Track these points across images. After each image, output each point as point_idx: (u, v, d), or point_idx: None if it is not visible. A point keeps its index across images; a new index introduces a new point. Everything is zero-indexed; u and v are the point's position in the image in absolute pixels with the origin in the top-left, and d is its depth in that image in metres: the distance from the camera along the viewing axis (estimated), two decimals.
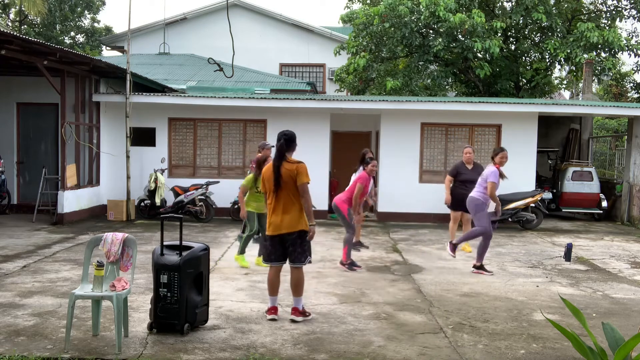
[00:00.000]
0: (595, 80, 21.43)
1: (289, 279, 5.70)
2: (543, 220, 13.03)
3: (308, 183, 5.52)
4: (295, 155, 5.69)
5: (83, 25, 33.24)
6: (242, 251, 8.19)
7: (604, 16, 19.44)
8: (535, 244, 10.87)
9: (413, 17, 17.54)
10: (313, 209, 5.66)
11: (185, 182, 13.42)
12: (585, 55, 17.03)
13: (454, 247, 8.31)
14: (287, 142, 5.56)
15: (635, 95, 22.01)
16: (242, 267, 8.02)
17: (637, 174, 13.96)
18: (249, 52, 21.29)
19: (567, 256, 9.17)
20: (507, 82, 18.62)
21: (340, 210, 8.27)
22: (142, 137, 13.76)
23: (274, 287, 5.69)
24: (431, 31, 18.43)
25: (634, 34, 19.51)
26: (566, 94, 29.61)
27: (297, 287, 5.62)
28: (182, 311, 5.05)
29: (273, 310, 5.65)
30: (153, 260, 5.17)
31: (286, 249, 5.59)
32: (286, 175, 5.46)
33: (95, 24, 33.49)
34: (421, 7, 17.21)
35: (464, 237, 8.35)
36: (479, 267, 8.09)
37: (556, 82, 22.29)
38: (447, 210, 10.14)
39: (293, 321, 5.53)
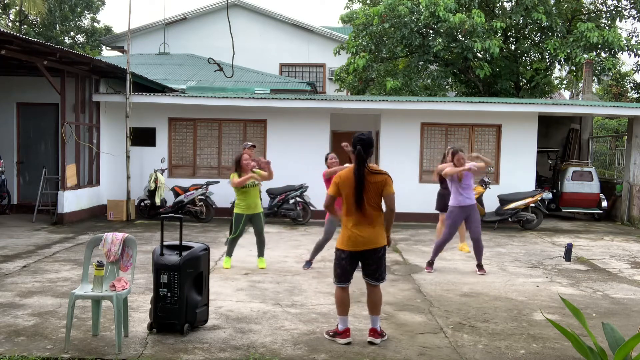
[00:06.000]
0: (595, 80, 21.42)
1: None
2: (543, 220, 13.03)
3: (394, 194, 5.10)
4: (296, 155, 5.62)
5: (83, 25, 33.26)
6: (229, 253, 8.14)
7: (604, 16, 19.43)
8: (535, 244, 10.87)
9: (413, 17, 17.54)
10: (313, 209, 5.62)
11: (185, 182, 13.42)
12: (585, 55, 17.03)
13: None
14: (365, 147, 5.01)
15: (635, 95, 22.01)
16: (225, 268, 7.99)
17: (637, 174, 13.96)
18: (249, 52, 21.29)
19: (567, 256, 9.17)
20: (507, 82, 18.62)
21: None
22: (142, 137, 13.76)
23: (347, 307, 5.19)
24: (431, 31, 18.42)
25: (634, 34, 19.50)
26: (566, 94, 29.59)
27: (377, 305, 5.16)
28: (182, 311, 5.05)
29: (348, 332, 5.15)
30: (153, 260, 5.17)
31: (364, 265, 5.11)
32: (373, 185, 4.98)
33: (95, 24, 33.51)
34: (421, 7, 17.22)
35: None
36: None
37: (556, 82, 22.30)
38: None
39: (371, 343, 5.04)
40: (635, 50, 17.73)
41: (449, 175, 8.01)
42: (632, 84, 23.34)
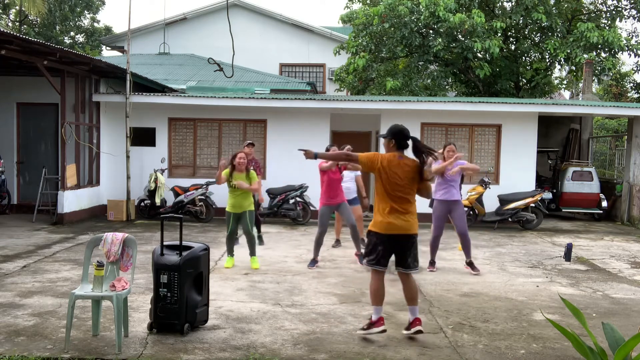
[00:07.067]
0: (595, 80, 21.42)
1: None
2: (543, 220, 13.03)
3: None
4: (296, 155, 5.65)
5: (83, 25, 33.26)
6: (229, 252, 8.21)
7: (604, 16, 19.44)
8: (535, 244, 10.87)
9: (413, 17, 17.54)
10: (313, 209, 5.65)
11: (185, 182, 13.42)
12: (585, 55, 17.04)
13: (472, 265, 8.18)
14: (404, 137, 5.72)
15: (635, 95, 22.02)
16: (226, 267, 8.00)
17: (637, 174, 13.96)
18: (249, 52, 21.29)
19: (567, 256, 9.17)
20: (507, 82, 18.63)
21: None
22: (142, 137, 13.76)
23: (381, 296, 5.25)
24: (431, 31, 18.43)
25: (634, 34, 19.51)
26: (566, 94, 29.60)
27: (415, 296, 5.24)
28: (182, 311, 5.05)
29: (382, 320, 5.20)
30: (153, 260, 5.17)
31: (397, 253, 5.20)
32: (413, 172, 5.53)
33: (95, 24, 33.51)
34: (421, 7, 17.22)
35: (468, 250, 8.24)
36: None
37: (556, 82, 22.30)
38: None
39: (420, 332, 5.14)
40: (635, 50, 17.73)
41: (435, 173, 8.02)
42: (632, 84, 23.34)
